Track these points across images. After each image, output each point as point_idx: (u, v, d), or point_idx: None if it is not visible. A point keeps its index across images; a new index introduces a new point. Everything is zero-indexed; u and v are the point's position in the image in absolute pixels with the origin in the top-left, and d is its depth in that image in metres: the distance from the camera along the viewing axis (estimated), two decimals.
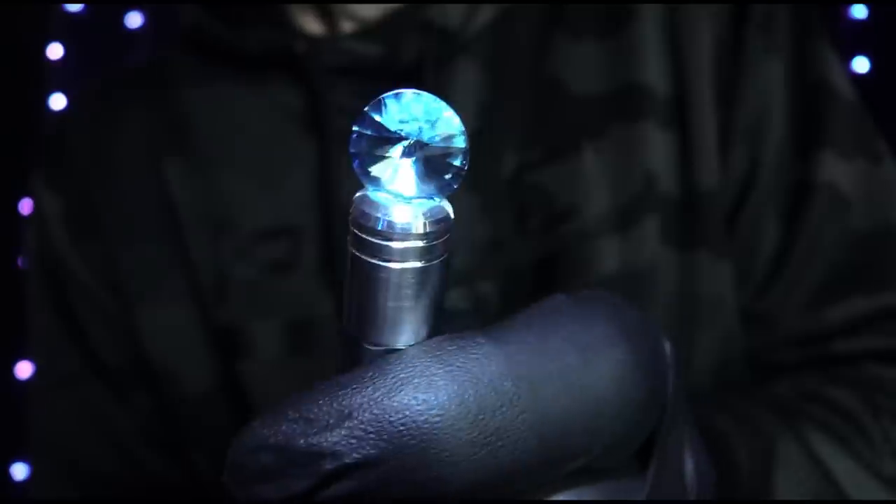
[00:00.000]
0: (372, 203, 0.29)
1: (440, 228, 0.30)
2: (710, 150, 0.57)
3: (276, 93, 0.61)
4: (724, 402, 0.54)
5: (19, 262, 1.55)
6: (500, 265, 0.57)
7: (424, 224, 0.29)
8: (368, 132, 0.29)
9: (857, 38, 1.52)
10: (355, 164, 0.30)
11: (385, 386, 0.27)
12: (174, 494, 0.65)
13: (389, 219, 0.29)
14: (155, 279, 0.62)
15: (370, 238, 0.29)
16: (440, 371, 0.28)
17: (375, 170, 0.29)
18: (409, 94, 0.29)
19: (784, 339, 0.59)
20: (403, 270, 0.29)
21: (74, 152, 0.65)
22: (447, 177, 0.30)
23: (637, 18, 0.59)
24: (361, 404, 0.27)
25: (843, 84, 0.59)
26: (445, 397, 0.27)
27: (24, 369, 1.56)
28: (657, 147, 0.57)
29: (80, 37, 1.60)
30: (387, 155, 0.29)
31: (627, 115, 0.58)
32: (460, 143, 0.30)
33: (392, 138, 0.29)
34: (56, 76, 1.59)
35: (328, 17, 0.61)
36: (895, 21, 1.48)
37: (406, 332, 0.30)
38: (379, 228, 0.29)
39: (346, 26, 0.61)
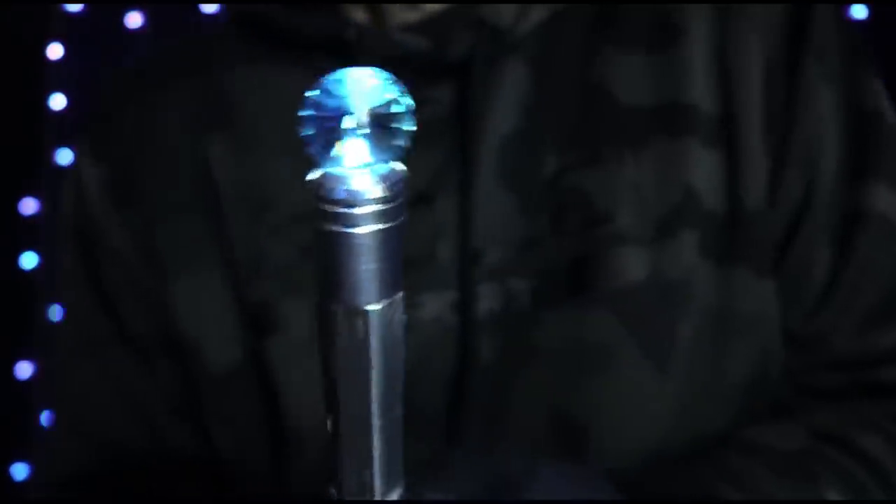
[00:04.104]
0: (332, 177, 0.32)
1: (398, 190, 0.32)
2: (757, 172, 0.58)
3: (321, 77, 0.62)
4: (730, 466, 0.55)
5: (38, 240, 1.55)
6: (534, 264, 0.58)
7: (383, 188, 0.32)
8: (316, 113, 0.32)
9: None
10: (310, 147, 0.32)
11: None
12: (196, 467, 0.65)
13: (350, 188, 0.31)
14: (190, 253, 0.62)
15: (335, 209, 0.31)
16: None
17: (328, 147, 0.32)
18: (346, 70, 0.32)
19: (828, 362, 0.60)
20: (370, 233, 0.32)
21: (119, 123, 0.66)
22: (397, 140, 0.32)
23: (687, 36, 0.60)
24: None
25: (893, 114, 0.61)
26: None
27: (23, 369, 1.56)
28: (700, 164, 0.58)
29: (80, 37, 1.60)
30: (337, 131, 0.31)
31: (671, 129, 0.59)
32: (402, 106, 0.32)
33: (339, 115, 0.31)
34: (56, 76, 1.59)
35: (377, 11, 0.62)
36: (895, 21, 1.48)
37: (377, 290, 0.32)
38: (342, 199, 0.31)
39: (396, 20, 0.61)
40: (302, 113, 0.31)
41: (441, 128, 0.59)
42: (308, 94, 0.31)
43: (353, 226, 0.32)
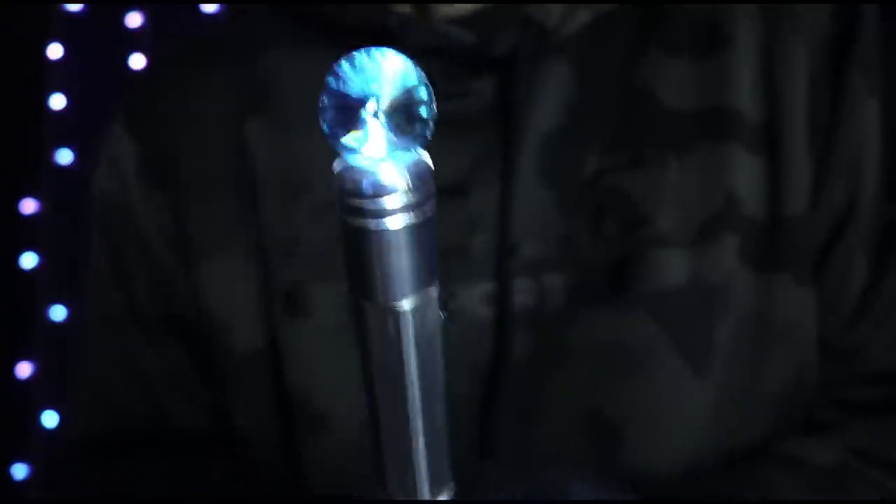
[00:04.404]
0: (354, 169, 0.30)
1: (424, 179, 0.31)
2: (801, 180, 0.58)
3: None
4: (764, 478, 0.55)
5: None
6: (570, 262, 0.58)
7: (409, 179, 0.30)
8: (333, 102, 0.30)
9: None
10: (328, 136, 0.30)
11: None
12: (200, 446, 0.66)
13: (374, 180, 0.30)
14: (222, 234, 0.63)
15: (360, 203, 0.30)
16: None
17: (348, 137, 0.30)
18: (363, 55, 0.30)
19: (864, 375, 0.60)
20: (397, 227, 0.30)
21: (157, 103, 0.66)
22: (418, 128, 0.30)
23: (733, 42, 0.60)
24: None
25: None
26: None
27: (23, 369, 1.56)
28: (743, 170, 0.58)
29: (80, 37, 1.60)
30: (356, 119, 0.30)
31: (715, 135, 0.59)
32: (423, 93, 0.30)
33: (357, 103, 0.30)
34: (56, 76, 1.59)
35: (424, 7, 0.62)
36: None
37: (408, 286, 0.31)
38: (366, 192, 0.30)
39: (441, 15, 0.62)
40: (321, 101, 0.30)
41: (480, 120, 0.60)
42: (327, 78, 0.30)
43: (379, 219, 0.30)
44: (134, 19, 1.60)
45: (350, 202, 0.30)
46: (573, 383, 0.57)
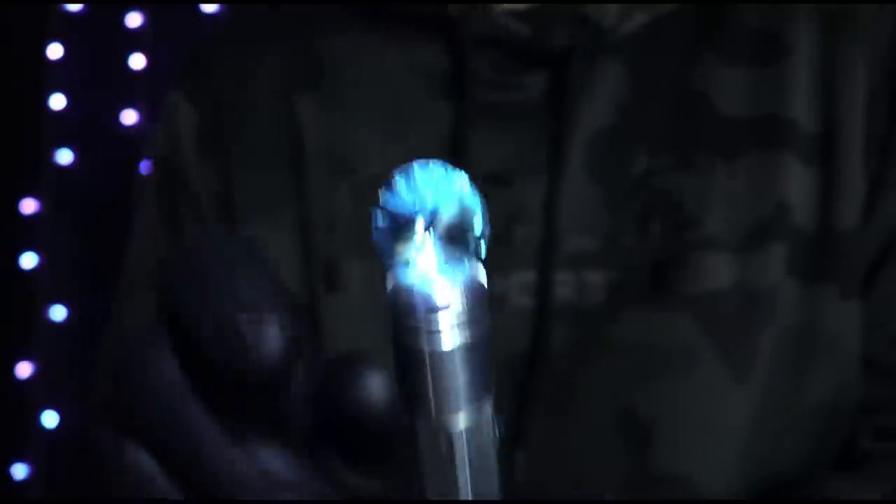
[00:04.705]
0: (405, 286, 0.29)
1: (479, 296, 0.29)
2: (853, 193, 0.58)
3: (420, 51, 0.63)
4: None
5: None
6: (613, 259, 0.58)
7: (464, 295, 0.29)
8: (386, 216, 0.29)
9: None
10: (380, 253, 0.29)
11: None
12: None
13: (426, 299, 0.28)
14: (266, 204, 0.63)
15: (411, 322, 0.29)
16: None
17: (400, 252, 0.29)
18: (416, 169, 0.29)
19: None
20: (452, 349, 0.29)
21: (216, 72, 0.68)
22: (471, 242, 0.29)
23: (792, 51, 0.60)
24: None
25: None
26: None
27: (23, 369, 1.56)
28: (796, 179, 0.58)
29: (80, 37, 1.60)
30: (407, 235, 0.29)
31: (768, 143, 0.59)
32: (476, 206, 0.29)
33: (410, 217, 0.29)
34: (56, 76, 1.60)
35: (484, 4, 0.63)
36: None
37: (461, 407, 0.29)
38: (418, 310, 0.28)
39: (499, 8, 0.62)
40: (375, 221, 0.29)
41: (528, 113, 0.60)
42: (381, 192, 0.29)
43: (432, 338, 0.29)
44: (134, 19, 1.60)
45: (402, 321, 0.29)
46: (609, 380, 0.57)
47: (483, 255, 0.29)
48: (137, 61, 1.60)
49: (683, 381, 0.57)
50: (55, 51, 1.59)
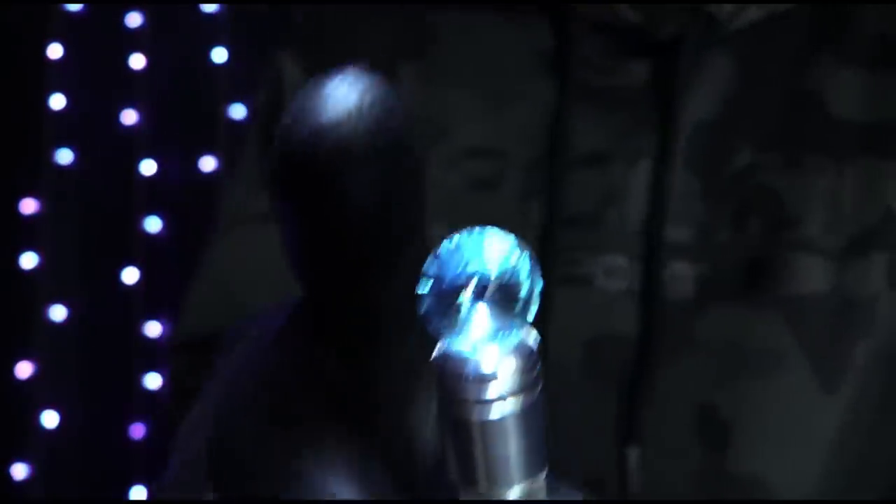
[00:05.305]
0: (454, 356, 0.27)
1: (531, 361, 0.28)
2: None
3: (528, 29, 0.63)
4: None
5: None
6: (704, 253, 0.57)
7: (515, 362, 0.27)
8: (432, 283, 0.28)
9: None
10: (427, 323, 0.28)
11: None
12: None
13: (476, 367, 0.27)
14: None
15: (460, 392, 0.27)
16: None
17: (447, 321, 0.28)
18: (463, 234, 0.28)
19: None
20: (503, 417, 0.28)
21: (323, 36, 0.68)
22: (522, 305, 0.28)
23: None
24: None
25: None
26: None
27: (23, 369, 1.56)
28: None
29: (80, 37, 1.60)
30: (455, 303, 0.28)
31: (882, 149, 0.57)
32: (525, 267, 0.28)
33: (456, 285, 0.28)
34: (56, 76, 1.60)
35: None
36: None
37: (514, 476, 0.28)
38: (467, 380, 0.27)
39: None
40: (421, 289, 0.28)
41: (630, 98, 0.59)
42: (426, 265, 0.28)
43: (482, 407, 0.27)
44: (134, 19, 1.60)
45: (450, 390, 0.27)
46: (691, 375, 0.56)
47: (533, 317, 0.28)
48: (137, 61, 1.60)
49: (768, 384, 0.55)
50: (55, 51, 1.59)
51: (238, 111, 1.59)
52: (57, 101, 1.58)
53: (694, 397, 0.56)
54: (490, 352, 0.27)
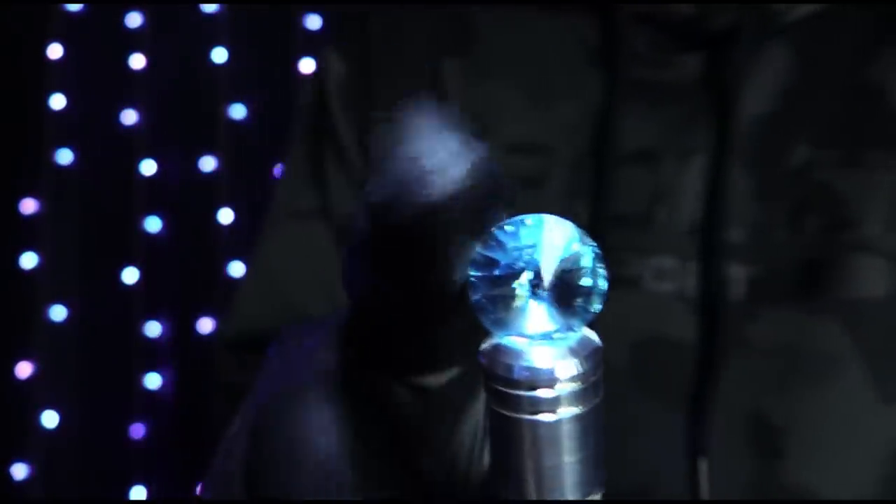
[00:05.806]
0: (506, 351, 0.25)
1: (592, 363, 0.25)
2: None
3: (574, 23, 0.61)
4: None
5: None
6: (758, 253, 0.55)
7: (573, 363, 0.25)
8: (485, 272, 0.25)
9: None
10: (479, 313, 0.25)
11: None
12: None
13: (530, 365, 0.25)
14: None
15: (512, 391, 0.25)
16: None
17: (501, 312, 0.25)
18: (519, 220, 0.26)
19: None
20: (558, 422, 0.25)
21: (368, 31, 0.68)
22: (582, 302, 0.25)
23: None
24: None
25: None
26: None
27: (23, 369, 1.56)
28: None
29: (80, 37, 1.60)
30: (510, 294, 0.25)
31: None
32: (588, 259, 0.26)
33: (511, 274, 0.25)
34: (56, 76, 1.59)
35: None
36: None
37: (567, 490, 0.25)
38: (521, 378, 0.25)
39: None
40: (472, 274, 0.25)
41: (682, 93, 0.58)
42: (478, 249, 0.25)
43: (534, 410, 0.25)
44: (134, 19, 1.60)
45: (500, 389, 0.25)
46: (743, 380, 0.54)
47: (597, 313, 0.25)
48: (137, 61, 1.60)
49: (824, 391, 0.53)
50: (55, 51, 1.59)
51: (238, 111, 1.59)
52: (57, 102, 1.58)
53: (748, 404, 0.54)
54: (547, 349, 0.25)
